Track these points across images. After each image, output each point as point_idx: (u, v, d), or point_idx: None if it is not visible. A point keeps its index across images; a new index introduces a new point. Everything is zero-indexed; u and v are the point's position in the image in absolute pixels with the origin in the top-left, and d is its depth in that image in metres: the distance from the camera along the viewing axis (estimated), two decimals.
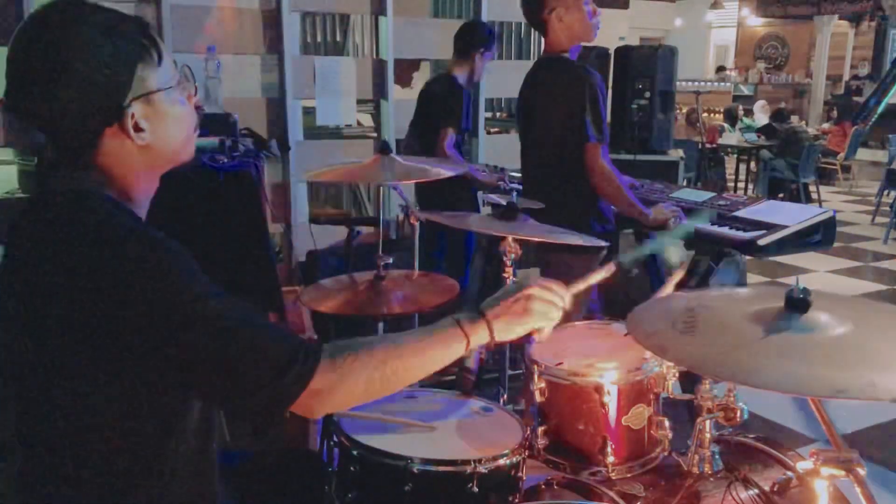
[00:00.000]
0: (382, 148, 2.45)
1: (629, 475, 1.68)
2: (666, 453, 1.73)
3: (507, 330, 1.32)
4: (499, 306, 1.32)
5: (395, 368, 1.20)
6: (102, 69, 1.11)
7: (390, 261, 2.27)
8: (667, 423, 1.70)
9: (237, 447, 2.42)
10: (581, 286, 1.52)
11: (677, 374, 1.70)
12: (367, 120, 5.88)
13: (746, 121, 10.60)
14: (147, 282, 1.06)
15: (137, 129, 1.16)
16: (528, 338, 1.42)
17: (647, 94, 4.82)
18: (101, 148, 1.16)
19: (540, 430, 1.73)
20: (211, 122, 2.86)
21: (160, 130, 1.19)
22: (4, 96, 1.14)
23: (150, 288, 1.06)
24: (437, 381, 3.99)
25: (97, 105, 1.13)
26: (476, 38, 4.00)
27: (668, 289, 1.82)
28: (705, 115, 10.78)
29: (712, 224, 3.03)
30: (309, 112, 4.77)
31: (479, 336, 1.30)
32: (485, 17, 4.72)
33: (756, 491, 1.60)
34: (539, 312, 1.33)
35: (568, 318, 2.31)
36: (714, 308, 1.32)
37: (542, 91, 2.86)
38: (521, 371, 1.85)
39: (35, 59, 1.12)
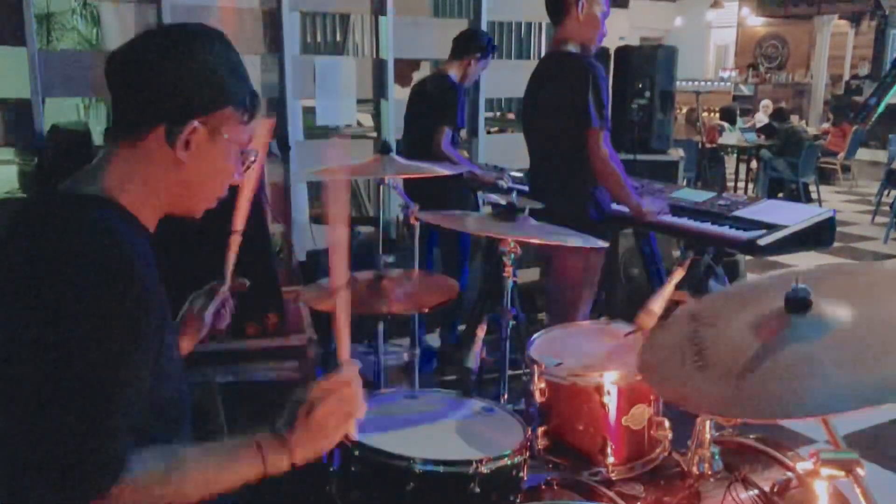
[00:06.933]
0: (382, 148, 2.46)
1: (629, 475, 1.68)
2: (666, 453, 1.73)
3: (313, 449, 1.17)
4: (299, 429, 1.16)
5: (176, 499, 1.10)
6: (204, 76, 1.18)
7: (391, 260, 2.27)
8: (667, 424, 1.71)
9: None
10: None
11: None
12: (367, 120, 5.88)
13: (741, 122, 10.56)
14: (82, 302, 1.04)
15: (186, 145, 1.19)
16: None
17: (647, 94, 4.83)
18: (146, 139, 1.18)
19: (540, 430, 1.73)
20: None
21: (201, 165, 1.22)
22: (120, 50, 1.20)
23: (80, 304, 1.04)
24: (438, 381, 4.00)
25: (175, 95, 1.17)
26: (473, 44, 4.05)
27: (669, 289, 1.82)
28: (705, 114, 10.78)
29: (711, 224, 3.03)
30: (309, 112, 4.77)
31: (279, 464, 1.16)
32: (485, 17, 4.73)
33: (756, 491, 1.60)
34: (334, 422, 1.17)
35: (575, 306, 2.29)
36: (716, 325, 1.30)
37: (547, 82, 2.92)
38: (521, 371, 1.85)
39: (169, 35, 1.23)
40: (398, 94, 4.58)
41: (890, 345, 1.11)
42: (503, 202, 2.06)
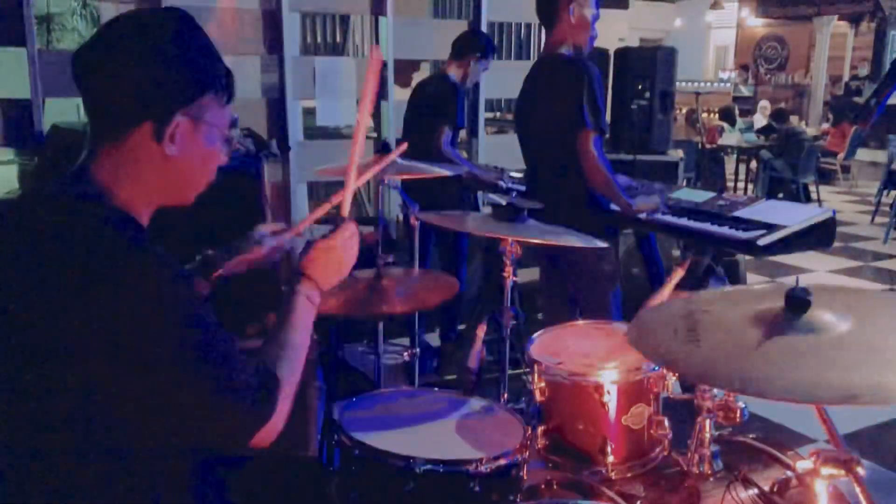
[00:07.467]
0: (382, 148, 2.46)
1: (629, 475, 1.68)
2: (666, 453, 1.73)
3: (328, 278, 1.43)
4: (317, 261, 1.43)
5: (298, 370, 1.29)
6: (183, 66, 1.17)
7: (390, 259, 2.27)
8: (666, 423, 1.71)
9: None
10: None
11: (677, 374, 1.71)
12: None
13: (741, 122, 10.56)
14: (140, 302, 1.07)
15: (172, 139, 1.18)
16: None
17: (647, 95, 4.83)
18: (128, 140, 1.17)
19: (540, 429, 1.73)
20: None
21: (188, 155, 1.21)
22: (81, 49, 1.17)
23: (144, 308, 1.07)
24: (438, 380, 4.00)
25: (158, 91, 1.15)
26: (473, 45, 4.07)
27: (668, 289, 1.82)
28: (704, 114, 10.77)
29: (711, 224, 3.03)
30: (309, 112, 4.77)
31: (316, 300, 1.40)
32: (485, 18, 4.73)
33: (756, 491, 1.61)
34: (342, 256, 1.47)
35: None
36: (714, 311, 1.32)
37: (543, 85, 2.91)
38: (521, 371, 1.85)
39: (136, 26, 1.18)
40: (398, 95, 4.58)
41: (886, 355, 1.12)
42: (503, 202, 2.07)
